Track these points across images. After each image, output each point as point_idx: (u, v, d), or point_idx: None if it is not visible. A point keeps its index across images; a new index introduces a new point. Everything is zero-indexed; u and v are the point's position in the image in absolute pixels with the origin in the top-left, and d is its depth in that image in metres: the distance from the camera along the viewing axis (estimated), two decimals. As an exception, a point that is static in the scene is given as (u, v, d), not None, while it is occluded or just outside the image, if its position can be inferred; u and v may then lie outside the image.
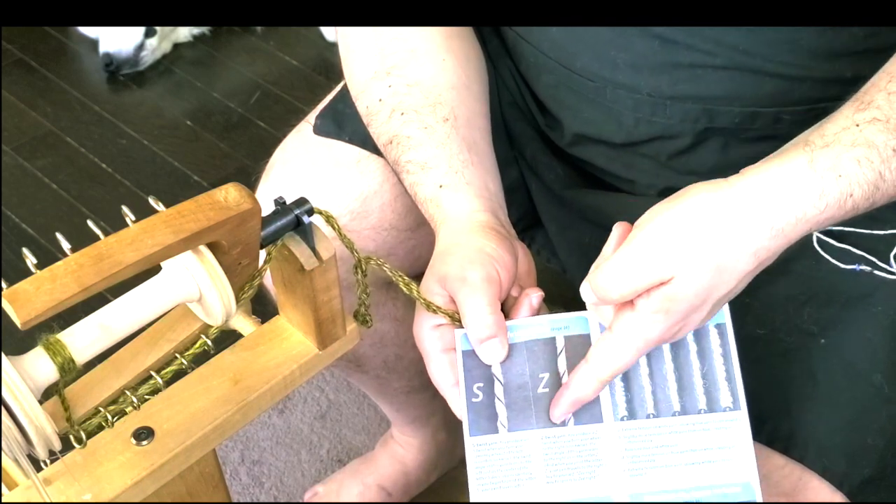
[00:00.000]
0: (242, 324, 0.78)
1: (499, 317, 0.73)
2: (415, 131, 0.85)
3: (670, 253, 0.66)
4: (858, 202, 0.66)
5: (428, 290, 0.76)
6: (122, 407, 0.69)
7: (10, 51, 2.23)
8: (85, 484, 0.67)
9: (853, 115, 0.67)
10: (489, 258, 0.75)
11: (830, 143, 0.66)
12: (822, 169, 0.65)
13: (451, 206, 0.81)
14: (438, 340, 0.75)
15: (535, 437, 0.71)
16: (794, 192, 0.65)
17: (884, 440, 0.78)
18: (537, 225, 1.03)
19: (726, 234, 0.66)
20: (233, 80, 2.17)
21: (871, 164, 0.65)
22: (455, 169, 0.82)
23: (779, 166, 0.66)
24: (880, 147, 0.65)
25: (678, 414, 0.71)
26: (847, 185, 0.65)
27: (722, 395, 0.71)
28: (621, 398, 0.72)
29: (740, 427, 0.71)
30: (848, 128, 0.66)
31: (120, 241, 0.58)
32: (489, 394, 0.73)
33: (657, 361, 0.72)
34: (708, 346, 0.73)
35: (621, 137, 0.91)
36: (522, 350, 0.74)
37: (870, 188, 0.66)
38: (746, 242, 0.66)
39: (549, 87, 0.94)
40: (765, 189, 0.65)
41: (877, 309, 0.79)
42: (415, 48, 0.89)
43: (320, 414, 1.51)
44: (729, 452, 0.70)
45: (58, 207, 1.86)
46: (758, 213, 0.65)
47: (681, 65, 0.85)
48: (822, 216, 0.66)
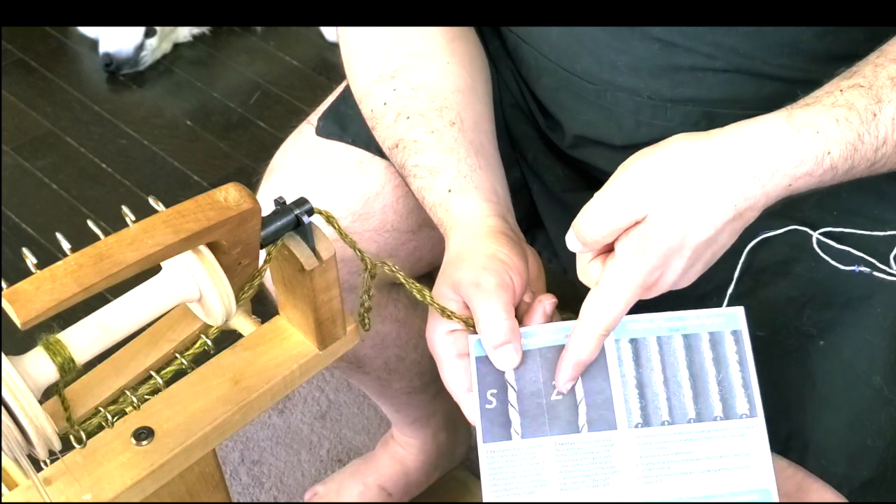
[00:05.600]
0: (242, 324, 0.78)
1: (513, 322, 0.73)
2: (421, 135, 0.85)
3: (645, 193, 0.67)
4: (837, 162, 0.67)
5: (441, 295, 0.75)
6: (122, 407, 0.69)
7: (10, 51, 2.23)
8: (85, 484, 0.67)
9: (839, 81, 0.69)
10: (502, 264, 0.75)
11: (811, 104, 0.68)
12: (798, 124, 0.66)
13: (461, 211, 0.80)
14: (452, 346, 0.75)
15: (549, 443, 0.71)
16: (771, 144, 0.66)
17: (884, 442, 0.78)
18: (538, 226, 1.03)
19: (701, 178, 0.67)
20: (233, 80, 2.17)
21: (850, 125, 0.66)
22: (463, 173, 0.82)
23: (758, 122, 0.68)
24: (860, 109, 0.67)
25: (693, 421, 0.71)
26: (825, 142, 0.66)
27: (738, 401, 0.71)
28: (635, 405, 0.72)
29: (757, 434, 0.70)
30: (831, 92, 0.68)
31: (120, 241, 0.58)
32: (503, 400, 0.73)
33: (671, 368, 0.72)
34: (723, 352, 0.72)
35: (622, 140, 0.91)
36: (536, 357, 0.73)
37: (848, 148, 0.67)
38: (721, 187, 0.67)
39: (550, 90, 0.94)
40: (743, 140, 0.67)
41: (876, 310, 0.79)
42: (418, 51, 0.89)
43: (320, 414, 1.51)
44: (746, 459, 0.70)
45: (58, 207, 1.86)
46: (734, 161, 0.67)
47: (681, 68, 0.85)
48: (800, 170, 0.67)
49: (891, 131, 0.68)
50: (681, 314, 0.73)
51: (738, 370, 0.72)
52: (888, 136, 0.68)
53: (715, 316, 0.73)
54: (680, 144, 0.68)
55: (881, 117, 0.67)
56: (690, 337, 0.73)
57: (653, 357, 0.73)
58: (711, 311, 0.74)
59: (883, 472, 0.78)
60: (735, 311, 0.74)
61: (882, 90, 0.68)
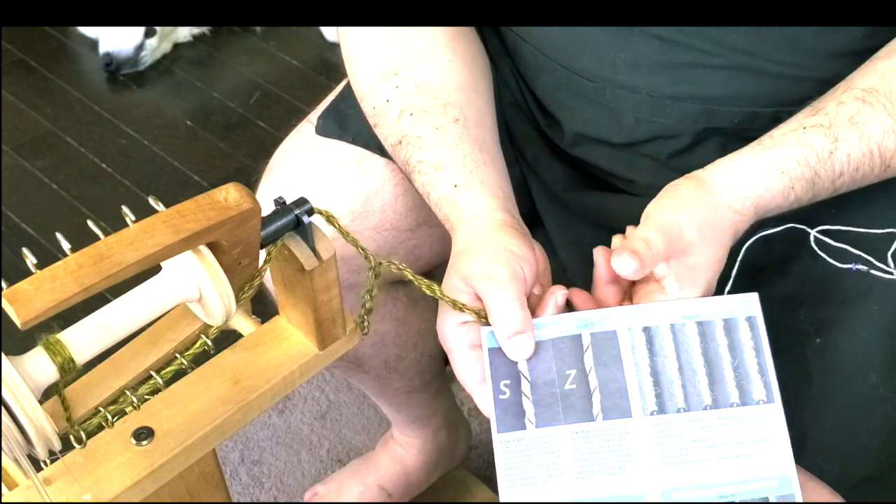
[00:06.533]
0: (242, 324, 0.78)
1: (526, 313, 0.73)
2: (425, 131, 0.85)
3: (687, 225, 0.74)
4: (800, 195, 0.76)
5: (452, 288, 0.75)
6: (122, 407, 0.69)
7: (10, 51, 2.23)
8: (85, 484, 0.67)
9: (803, 118, 0.77)
10: (513, 255, 0.75)
11: (778, 144, 0.76)
12: (767, 167, 0.76)
13: (468, 206, 0.81)
14: (465, 337, 0.75)
15: (564, 432, 0.71)
16: (746, 184, 0.76)
17: (879, 440, 0.78)
18: (537, 224, 1.03)
19: (715, 214, 0.76)
20: (233, 80, 2.17)
21: (808, 164, 0.75)
22: (469, 169, 0.82)
23: (735, 165, 0.76)
24: (818, 150, 0.75)
25: (709, 408, 0.71)
26: (789, 181, 0.76)
27: (755, 388, 0.71)
28: (650, 393, 0.71)
29: (775, 420, 0.70)
30: (795, 130, 0.77)
31: (120, 241, 0.58)
32: (516, 391, 0.73)
33: (685, 355, 0.72)
34: (738, 338, 0.72)
35: (621, 137, 0.91)
36: (549, 347, 0.74)
37: (808, 184, 0.76)
38: (728, 223, 0.76)
39: (549, 88, 0.94)
40: (727, 182, 0.76)
41: (873, 308, 0.79)
42: (420, 49, 0.89)
43: (320, 414, 1.51)
44: (764, 446, 0.70)
45: (58, 207, 1.86)
46: (727, 201, 0.76)
47: (680, 65, 0.85)
48: (771, 204, 0.76)
49: (846, 166, 0.76)
50: (694, 301, 0.74)
51: (754, 356, 0.72)
52: (844, 170, 0.76)
53: (728, 302, 0.73)
54: (689, 191, 0.76)
55: (837, 155, 0.75)
56: (704, 324, 0.73)
57: (666, 345, 0.73)
58: (725, 298, 0.74)
59: (879, 471, 0.78)
60: (749, 297, 0.74)
61: (839, 129, 0.76)
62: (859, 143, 0.75)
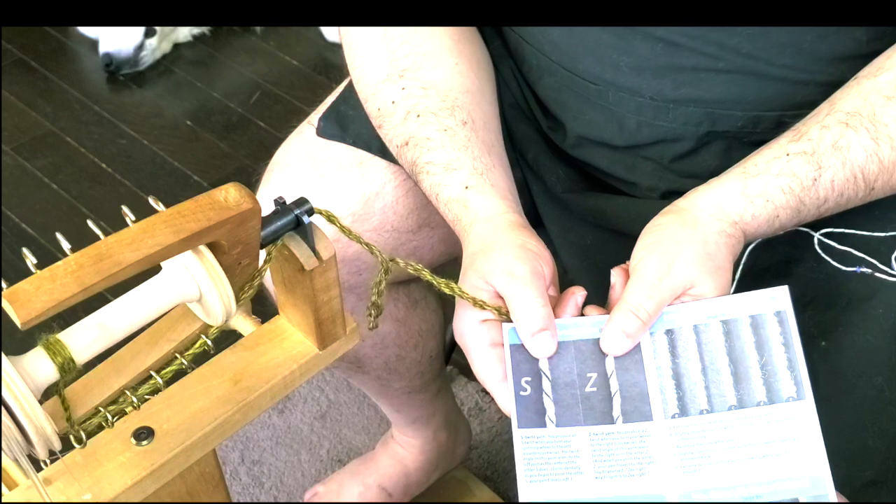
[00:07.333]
0: (242, 324, 0.78)
1: (549, 310, 0.73)
2: (434, 133, 0.84)
3: (685, 265, 0.73)
4: (784, 222, 0.76)
5: (471, 285, 0.75)
6: (122, 407, 0.68)
7: (10, 51, 2.23)
8: (85, 484, 0.67)
9: (787, 144, 0.76)
10: (533, 254, 0.75)
11: (761, 173, 0.76)
12: (751, 195, 0.75)
13: (480, 207, 0.80)
14: (485, 335, 0.74)
15: (583, 433, 0.71)
16: (733, 212, 0.75)
17: (885, 442, 0.78)
18: (539, 226, 1.03)
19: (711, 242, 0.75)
20: (233, 80, 2.17)
21: (793, 192, 0.75)
22: (479, 171, 0.82)
23: (719, 193, 0.76)
24: (802, 177, 0.75)
25: (735, 408, 0.70)
26: (773, 209, 0.75)
27: (783, 384, 0.69)
28: (672, 396, 0.71)
29: (806, 417, 0.68)
30: (779, 157, 0.76)
31: (120, 241, 0.58)
32: (537, 389, 0.72)
33: (709, 356, 0.71)
34: (766, 335, 0.71)
35: (623, 140, 0.91)
36: (570, 348, 0.73)
37: (793, 211, 0.75)
38: (725, 248, 0.75)
39: (551, 90, 0.94)
40: (714, 210, 0.75)
41: (878, 311, 0.78)
42: (426, 51, 0.89)
43: (320, 414, 1.51)
44: (794, 445, 0.68)
45: (58, 207, 1.86)
46: (717, 230, 0.75)
47: (683, 68, 0.85)
48: (758, 231, 0.76)
49: (830, 192, 0.75)
50: (719, 300, 0.73)
51: (783, 352, 0.70)
52: (828, 196, 0.75)
53: (756, 299, 0.72)
54: (674, 228, 0.74)
55: (821, 182, 0.75)
56: (730, 322, 0.72)
57: (689, 346, 0.72)
58: (752, 295, 0.72)
59: (885, 474, 0.78)
60: (778, 291, 0.72)
61: (823, 156, 0.75)
62: (843, 169, 0.75)
